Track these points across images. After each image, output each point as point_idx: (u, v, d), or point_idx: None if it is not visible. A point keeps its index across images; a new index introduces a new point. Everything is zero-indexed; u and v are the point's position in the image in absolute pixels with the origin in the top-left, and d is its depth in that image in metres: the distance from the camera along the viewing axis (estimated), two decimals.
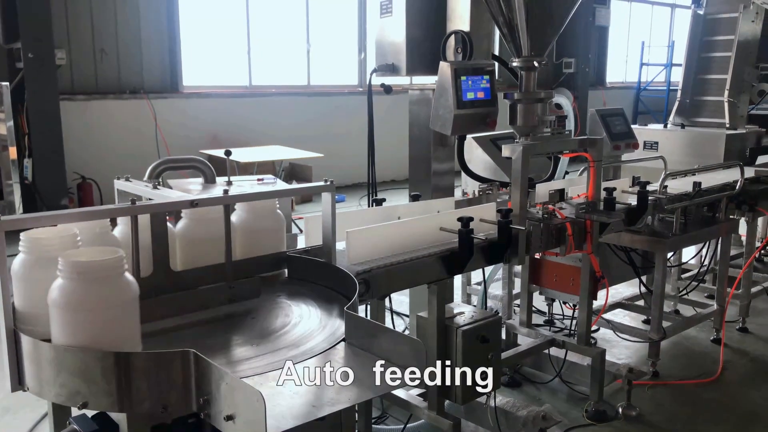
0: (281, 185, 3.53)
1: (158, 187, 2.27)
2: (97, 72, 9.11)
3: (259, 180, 3.52)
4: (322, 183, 2.26)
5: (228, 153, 3.33)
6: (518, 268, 4.26)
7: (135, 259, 1.99)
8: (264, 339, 1.97)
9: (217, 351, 1.86)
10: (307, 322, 2.07)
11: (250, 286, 2.22)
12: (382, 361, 1.74)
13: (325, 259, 2.38)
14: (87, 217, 1.97)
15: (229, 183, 3.37)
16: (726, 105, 5.76)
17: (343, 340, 1.89)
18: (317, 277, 2.37)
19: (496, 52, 3.90)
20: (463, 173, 3.95)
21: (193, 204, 2.03)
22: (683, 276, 5.25)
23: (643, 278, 4.53)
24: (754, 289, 4.97)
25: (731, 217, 4.50)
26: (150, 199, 2.18)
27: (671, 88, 14.73)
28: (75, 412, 1.81)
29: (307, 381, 1.65)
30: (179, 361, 1.59)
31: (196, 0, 9.98)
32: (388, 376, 1.70)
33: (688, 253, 5.45)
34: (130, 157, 8.62)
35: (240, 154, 7.83)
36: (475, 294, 4.84)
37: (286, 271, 2.49)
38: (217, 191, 2.16)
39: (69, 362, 1.64)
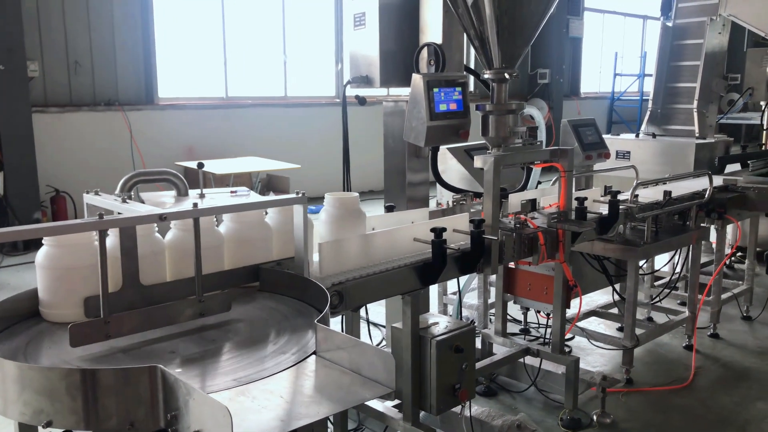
0: (255, 197, 3.52)
1: (127, 200, 2.26)
2: (71, 84, 9.02)
3: (232, 192, 3.50)
4: (293, 195, 2.26)
5: (200, 165, 3.31)
6: (493, 277, 4.29)
7: (103, 273, 1.97)
8: (234, 353, 1.95)
9: (186, 366, 1.85)
10: (278, 335, 2.06)
11: (221, 300, 2.21)
12: (353, 374, 1.74)
13: (297, 272, 2.38)
14: (51, 232, 1.95)
15: (202, 196, 3.34)
16: (695, 115, 5.87)
17: (314, 353, 1.89)
18: (289, 289, 2.36)
19: (471, 64, 3.94)
20: (438, 184, 3.97)
21: (162, 218, 2.02)
22: (656, 283, 5.31)
23: (617, 286, 4.57)
24: (724, 296, 5.05)
25: (701, 225, 4.57)
26: (119, 213, 2.17)
27: (644, 98, 14.98)
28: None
29: (277, 395, 1.65)
30: (146, 376, 1.58)
31: (171, 11, 9.94)
32: (358, 388, 1.70)
33: (661, 261, 5.53)
34: (104, 169, 8.55)
35: (216, 166, 7.80)
36: (451, 304, 4.86)
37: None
38: (187, 204, 2.14)
39: (33, 380, 1.61)
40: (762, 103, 6.71)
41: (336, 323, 3.56)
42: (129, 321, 2.02)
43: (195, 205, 2.10)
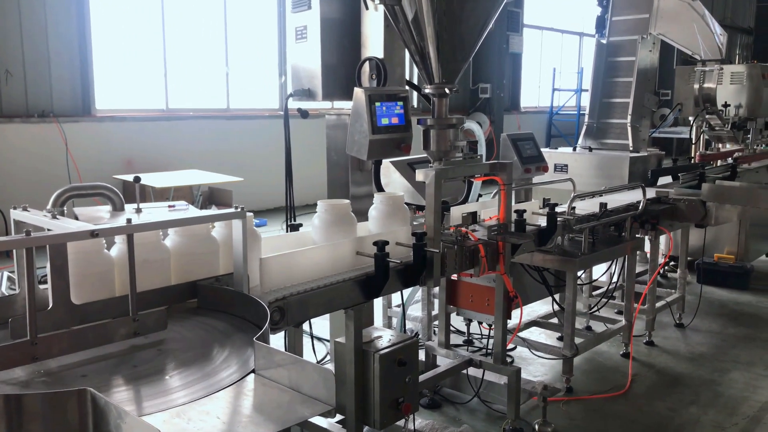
0: (193, 211, 3.45)
1: (57, 216, 2.17)
2: (1, 94, 8.68)
3: (170, 206, 3.42)
4: (232, 210, 2.22)
5: (137, 179, 3.23)
6: (437, 289, 4.32)
7: (30, 292, 1.89)
8: (170, 373, 1.90)
9: (119, 388, 1.79)
10: (216, 353, 2.01)
11: (156, 318, 2.15)
12: (293, 392, 1.72)
13: (236, 288, 2.34)
14: None
15: (139, 210, 3.26)
16: (629, 129, 6.07)
17: (253, 371, 1.85)
18: (228, 306, 2.32)
19: (414, 79, 3.97)
20: None
21: (93, 234, 1.95)
22: (594, 293, 5.46)
23: (556, 296, 4.67)
24: (658, 304, 5.22)
25: (636, 235, 4.73)
26: (49, 230, 2.08)
27: (581, 112, 15.45)
28: None
29: (214, 416, 1.61)
30: (75, 400, 1.52)
31: (109, 20, 9.69)
32: (298, 407, 1.67)
33: (598, 271, 5.68)
34: (38, 183, 8.22)
35: (156, 179, 7.62)
36: (396, 317, 4.86)
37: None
38: (121, 220, 2.08)
39: None
40: (690, 118, 7.00)
41: (279, 339, 3.53)
42: (58, 342, 1.94)
43: (129, 220, 2.04)
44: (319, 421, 3.19)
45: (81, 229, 1.97)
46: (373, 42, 3.74)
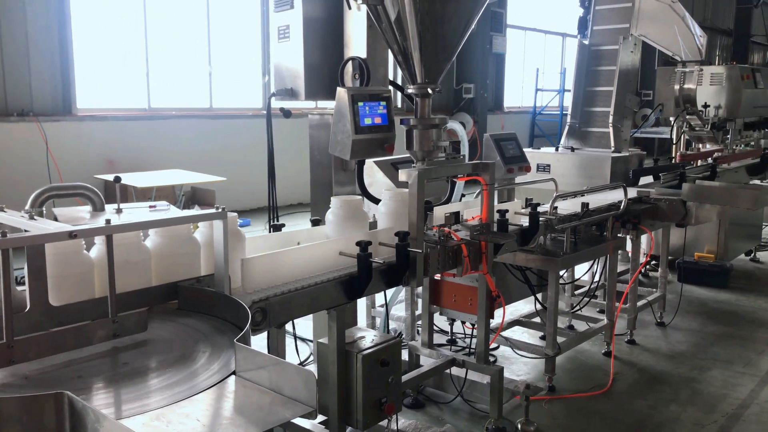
0: (174, 211, 3.42)
1: (35, 217, 2.15)
2: None
3: (151, 207, 3.40)
4: (212, 210, 2.21)
5: (117, 179, 3.20)
6: (420, 289, 4.32)
7: (6, 293, 1.86)
8: (150, 375, 1.88)
9: (97, 391, 1.77)
10: (197, 355, 2.00)
11: (136, 319, 2.13)
12: (273, 394, 1.71)
13: (217, 288, 2.32)
14: None
15: (119, 211, 3.23)
16: (611, 129, 6.12)
17: (234, 373, 1.84)
18: (209, 307, 2.30)
19: (398, 80, 3.97)
20: (364, 197, 3.97)
21: (71, 235, 1.93)
22: (576, 292, 5.49)
23: (539, 296, 4.70)
24: (639, 303, 5.26)
25: (618, 235, 4.76)
26: (26, 231, 2.06)
27: (564, 112, 15.55)
28: None
29: (194, 419, 1.60)
30: (52, 404, 1.50)
31: (90, 18, 9.58)
32: (279, 408, 1.66)
33: (580, 270, 5.72)
34: (18, 184, 8.11)
35: (138, 179, 7.55)
36: (379, 317, 4.86)
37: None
38: (101, 220, 2.06)
39: None
40: (671, 118, 7.07)
41: (262, 339, 3.51)
42: (36, 345, 1.92)
43: (108, 221, 2.02)
44: (301, 422, 3.18)
45: (59, 230, 1.94)
46: (356, 42, 3.74)
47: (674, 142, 7.13)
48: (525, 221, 3.81)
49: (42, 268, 2.03)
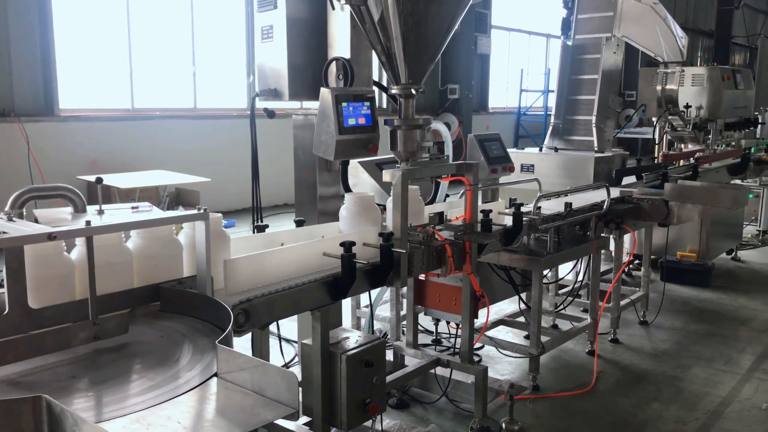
0: (157, 213, 3.39)
1: (14, 219, 2.12)
2: None
3: (133, 208, 3.36)
4: (194, 212, 2.20)
5: (99, 180, 3.15)
6: (405, 289, 4.32)
7: None
8: (131, 378, 1.87)
9: (77, 394, 1.75)
10: (178, 357, 1.99)
11: (117, 322, 2.11)
12: (256, 395, 1.70)
13: (200, 290, 2.31)
14: None
15: (101, 212, 3.19)
16: (594, 130, 6.17)
17: (216, 375, 1.83)
18: (191, 309, 2.29)
19: (384, 80, 3.97)
20: None
21: (50, 237, 1.91)
22: (560, 292, 5.52)
23: (523, 295, 4.72)
24: (623, 302, 5.30)
25: (601, 234, 4.79)
26: (4, 233, 2.03)
27: (548, 113, 15.64)
28: None
29: (175, 421, 1.59)
30: (29, 408, 1.48)
31: (72, 17, 9.49)
32: (261, 410, 1.66)
33: (564, 270, 5.75)
34: None
35: (121, 180, 7.48)
36: (364, 317, 4.86)
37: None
38: (81, 222, 2.04)
39: None
40: (653, 118, 7.13)
41: (246, 341, 3.49)
42: (14, 348, 1.90)
43: (88, 222, 2.00)
44: (286, 423, 3.17)
45: (38, 232, 1.92)
46: (340, 42, 3.73)
47: (657, 142, 7.19)
48: (509, 221, 3.82)
49: (20, 270, 2.00)
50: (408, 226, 3.15)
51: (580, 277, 5.20)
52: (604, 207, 4.60)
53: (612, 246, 5.29)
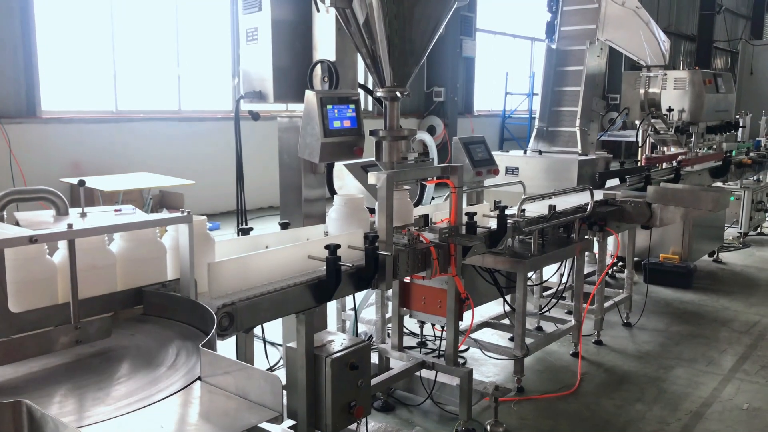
0: (140, 215, 3.37)
1: None
2: None
3: (116, 210, 3.34)
4: (177, 214, 2.18)
5: (81, 183, 3.13)
6: (390, 292, 4.33)
7: None
8: (114, 382, 1.85)
9: (59, 399, 1.73)
10: (161, 361, 1.97)
11: (100, 326, 2.09)
12: (239, 399, 1.70)
13: (183, 293, 2.29)
14: None
15: (83, 215, 3.16)
16: (578, 133, 6.21)
17: (199, 378, 1.82)
18: (174, 312, 2.28)
19: (369, 83, 3.97)
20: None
21: (31, 240, 1.89)
22: (544, 294, 5.55)
23: (508, 297, 4.73)
24: (606, 304, 5.34)
25: (584, 237, 4.83)
26: None
27: (533, 116, 15.71)
28: None
29: (157, 425, 1.57)
30: (9, 413, 1.46)
31: (55, 18, 9.39)
32: (244, 414, 1.65)
33: (549, 272, 5.78)
34: None
35: (104, 183, 7.42)
36: (349, 320, 4.85)
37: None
38: (63, 225, 2.02)
39: None
40: (637, 121, 7.20)
41: (231, 344, 3.47)
42: None
43: (70, 225, 1.98)
44: (270, 427, 3.16)
45: (18, 235, 1.90)
46: (325, 45, 3.73)
47: (640, 145, 7.26)
48: (493, 224, 3.84)
49: (1, 274, 1.98)
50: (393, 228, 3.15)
51: (564, 279, 5.23)
52: (588, 209, 4.63)
53: (596, 248, 5.34)
